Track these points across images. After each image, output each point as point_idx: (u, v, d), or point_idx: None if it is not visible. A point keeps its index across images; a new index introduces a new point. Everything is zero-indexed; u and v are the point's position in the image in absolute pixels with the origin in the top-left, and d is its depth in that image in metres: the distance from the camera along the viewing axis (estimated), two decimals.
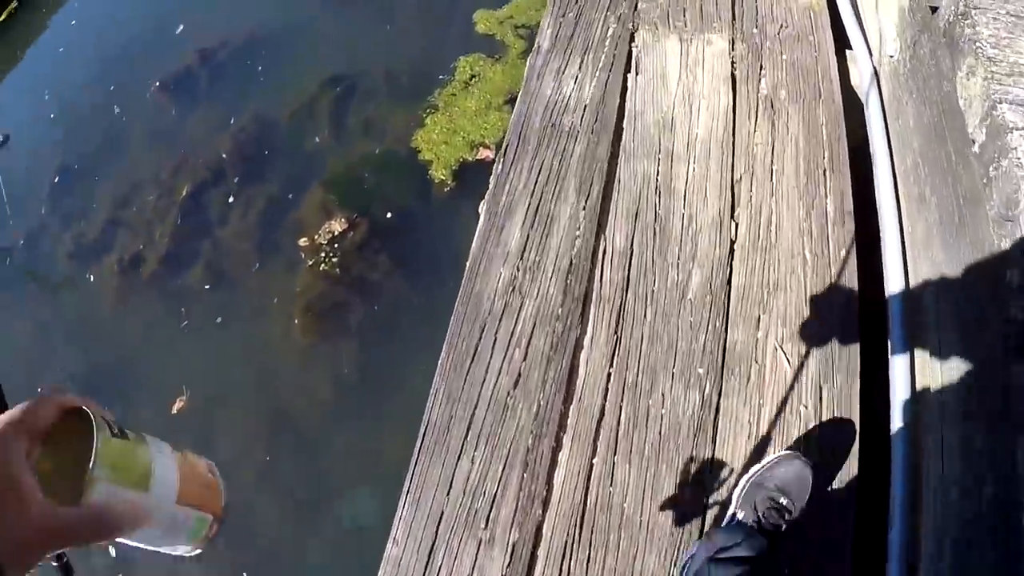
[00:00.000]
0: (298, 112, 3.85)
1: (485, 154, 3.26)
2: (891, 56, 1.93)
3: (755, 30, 2.43)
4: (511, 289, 1.85)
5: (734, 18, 2.51)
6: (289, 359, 3.18)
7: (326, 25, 4.30)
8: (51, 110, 4.65)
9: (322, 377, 3.11)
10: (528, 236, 1.96)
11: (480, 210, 2.05)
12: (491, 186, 2.07)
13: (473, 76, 3.57)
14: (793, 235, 1.90)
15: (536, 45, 2.52)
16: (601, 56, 2.41)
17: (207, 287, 3.33)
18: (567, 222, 1.97)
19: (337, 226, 3.28)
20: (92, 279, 3.71)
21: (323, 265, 3.21)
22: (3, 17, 6.02)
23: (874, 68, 2.08)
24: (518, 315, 1.81)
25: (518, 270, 1.89)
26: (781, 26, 2.43)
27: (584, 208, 1.99)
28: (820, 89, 2.23)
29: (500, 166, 2.13)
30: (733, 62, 2.35)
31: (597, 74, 2.34)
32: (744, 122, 2.16)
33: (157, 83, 4.38)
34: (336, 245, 3.24)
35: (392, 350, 3.10)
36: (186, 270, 3.55)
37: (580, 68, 2.38)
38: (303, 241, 3.26)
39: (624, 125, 2.19)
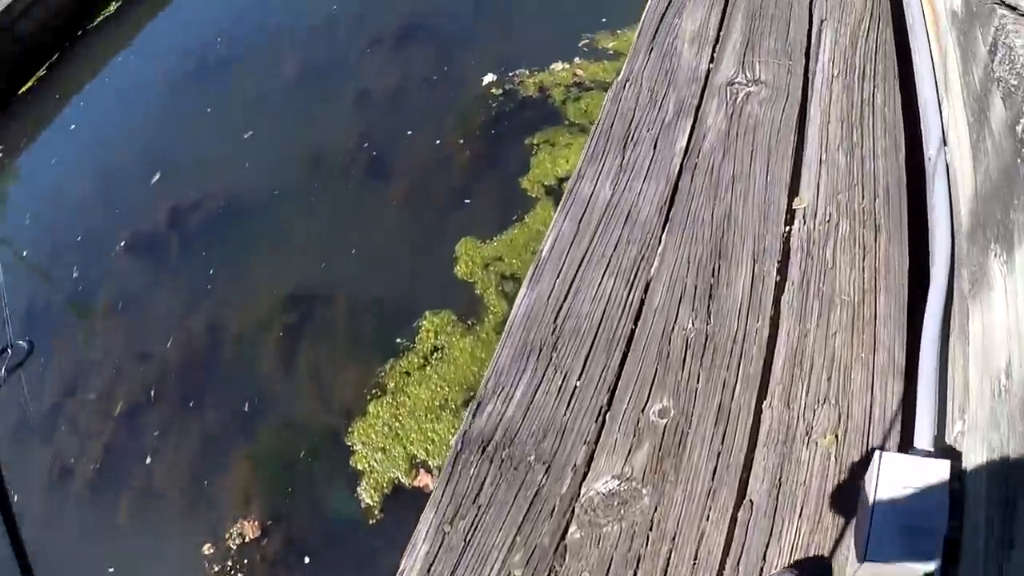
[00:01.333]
0: (248, 333, 3.35)
1: (424, 481, 2.67)
2: None
3: None
4: None
5: None
6: None
7: (306, 218, 3.73)
8: (25, 244, 4.31)
9: None
10: None
11: None
12: None
13: (436, 349, 2.95)
14: None
15: None
16: None
17: (111, 569, 2.94)
18: None
19: (250, 530, 2.80)
20: (16, 498, 3.39)
21: None
22: (28, 84, 5.71)
23: None
24: None
25: None
26: None
27: None
28: None
29: None
30: None
31: None
32: None
33: (124, 242, 3.95)
34: (246, 559, 2.76)
35: None
36: (111, 502, 3.18)
37: None
38: (207, 548, 2.80)
39: None
